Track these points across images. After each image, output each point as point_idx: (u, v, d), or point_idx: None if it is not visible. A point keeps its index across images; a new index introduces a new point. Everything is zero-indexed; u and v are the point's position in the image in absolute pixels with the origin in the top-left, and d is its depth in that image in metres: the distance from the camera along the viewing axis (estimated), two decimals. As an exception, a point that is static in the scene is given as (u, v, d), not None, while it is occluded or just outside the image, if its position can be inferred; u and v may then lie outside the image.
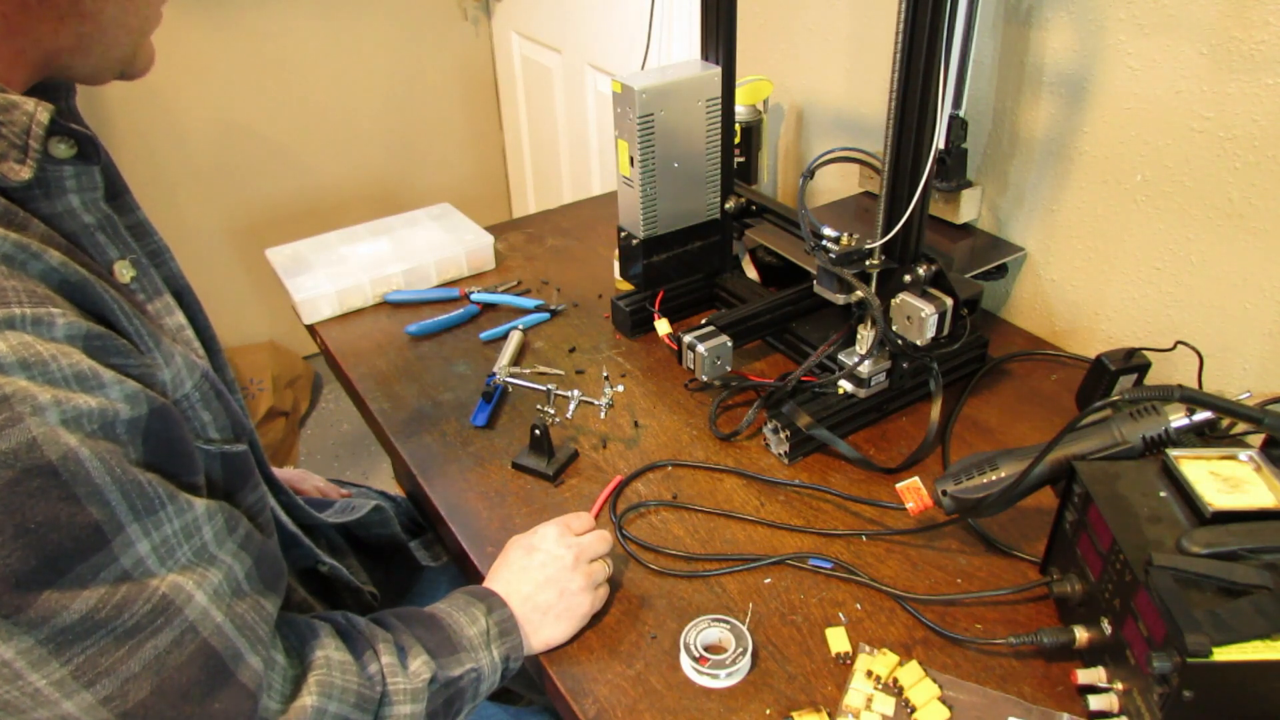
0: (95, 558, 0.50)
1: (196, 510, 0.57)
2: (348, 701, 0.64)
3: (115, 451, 0.51)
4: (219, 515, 0.59)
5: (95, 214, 0.59)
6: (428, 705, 0.68)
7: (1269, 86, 0.89)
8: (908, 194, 0.88)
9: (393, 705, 0.67)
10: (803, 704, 0.73)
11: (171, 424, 0.56)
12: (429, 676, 0.69)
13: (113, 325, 0.55)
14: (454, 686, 0.71)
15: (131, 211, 0.66)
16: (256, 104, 2.28)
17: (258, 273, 2.44)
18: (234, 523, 0.61)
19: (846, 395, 1.01)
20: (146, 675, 0.53)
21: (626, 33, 1.89)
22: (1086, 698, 0.69)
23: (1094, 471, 0.73)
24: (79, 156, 0.56)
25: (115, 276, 0.60)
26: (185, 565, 0.56)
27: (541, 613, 0.78)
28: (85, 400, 0.50)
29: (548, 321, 1.26)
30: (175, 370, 0.59)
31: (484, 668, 0.73)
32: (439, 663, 0.71)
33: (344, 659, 0.66)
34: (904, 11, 0.80)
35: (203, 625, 0.55)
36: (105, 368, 0.52)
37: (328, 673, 0.64)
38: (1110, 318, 1.13)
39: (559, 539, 0.81)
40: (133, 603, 0.52)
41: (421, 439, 1.05)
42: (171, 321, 0.65)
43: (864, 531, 0.89)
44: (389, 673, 0.67)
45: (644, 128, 1.05)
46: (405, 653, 0.70)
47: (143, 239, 0.66)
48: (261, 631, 0.60)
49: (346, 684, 0.64)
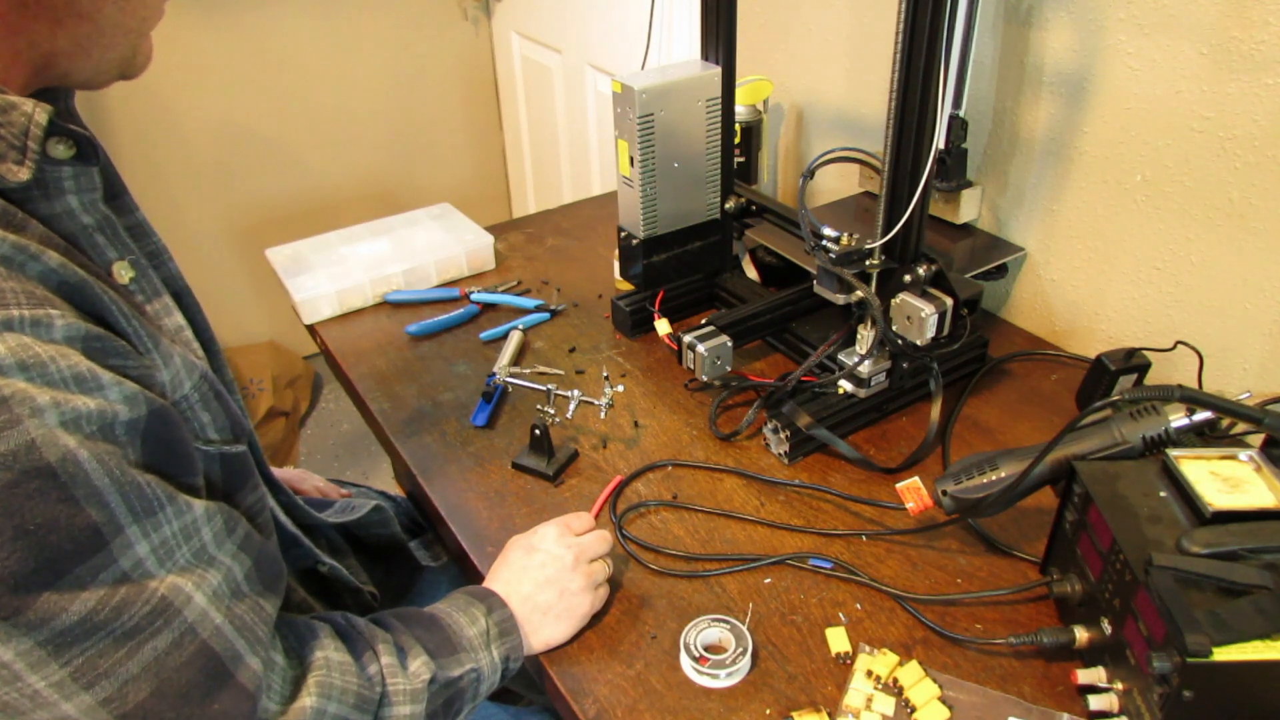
0: (94, 559, 0.50)
1: (195, 512, 0.57)
2: (347, 702, 0.64)
3: (114, 453, 0.51)
4: (218, 516, 0.59)
5: (94, 215, 0.59)
6: (427, 706, 0.68)
7: (1269, 86, 0.89)
8: (908, 194, 0.88)
9: (392, 706, 0.67)
10: (803, 704, 0.73)
11: (171, 425, 0.56)
12: (429, 677, 0.69)
13: (111, 326, 0.55)
14: (454, 687, 0.71)
15: (130, 212, 0.66)
16: (256, 104, 2.28)
17: (258, 273, 2.44)
18: (233, 524, 0.61)
19: (846, 395, 1.01)
20: (146, 677, 0.53)
21: (626, 33, 1.89)
22: (1086, 698, 0.69)
23: (1094, 471, 0.73)
24: (78, 157, 0.56)
25: (114, 277, 0.60)
26: (184, 567, 0.56)
27: (541, 613, 0.78)
28: (84, 402, 0.50)
29: (548, 321, 1.26)
30: (174, 371, 0.59)
31: (484, 668, 0.73)
32: (439, 663, 0.71)
33: (343, 660, 0.66)
34: (904, 11, 0.80)
35: (202, 626, 0.55)
36: (104, 369, 0.52)
37: (327, 674, 0.64)
38: (1110, 318, 1.13)
39: (559, 539, 0.81)
40: (132, 604, 0.52)
41: (421, 439, 1.05)
42: (170, 322, 0.65)
43: (864, 531, 0.89)
44: (389, 673, 0.67)
45: (644, 128, 1.05)
46: (405, 653, 0.70)
47: (142, 240, 0.66)
48: (261, 632, 0.60)
49: (346, 685, 0.64)
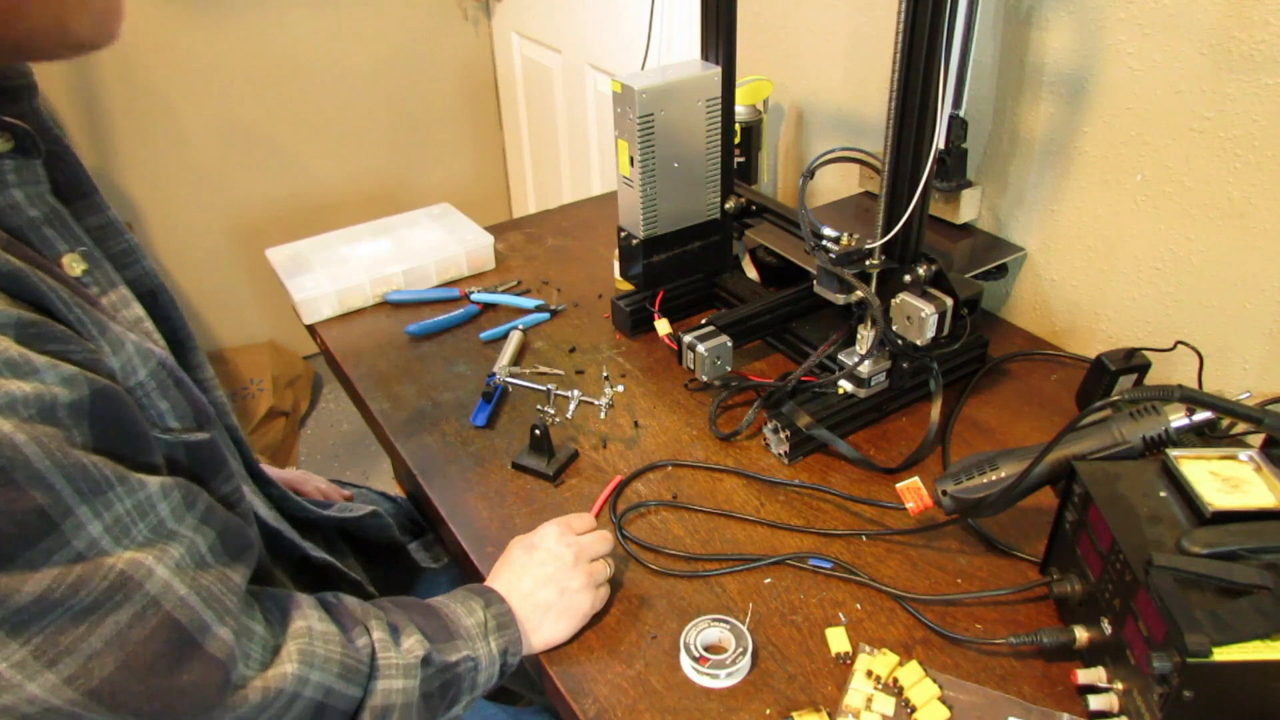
0: (45, 542, 0.51)
1: (150, 488, 0.57)
2: (330, 671, 0.64)
3: (56, 436, 0.51)
4: (175, 492, 0.59)
5: (41, 208, 0.60)
6: (421, 684, 0.68)
7: (1269, 86, 0.89)
8: (908, 194, 0.88)
9: (383, 679, 0.67)
10: (803, 704, 0.73)
11: (119, 405, 0.56)
12: (422, 655, 0.69)
13: (51, 313, 0.55)
14: (450, 672, 0.71)
15: (100, 211, 0.67)
16: (256, 104, 2.28)
17: (258, 273, 2.44)
18: (192, 498, 0.61)
19: (846, 395, 1.01)
20: (109, 651, 0.53)
21: (626, 33, 1.89)
22: (1086, 698, 0.69)
23: (1094, 471, 0.73)
24: (17, 150, 0.57)
25: (64, 269, 0.61)
26: (143, 542, 0.56)
27: (542, 611, 0.78)
28: (18, 386, 0.50)
29: (548, 321, 1.26)
30: (126, 358, 0.59)
31: (481, 657, 0.73)
32: (435, 646, 0.71)
33: (327, 629, 0.66)
34: (904, 11, 0.80)
35: (165, 598, 0.56)
36: (39, 354, 0.52)
37: (309, 642, 0.64)
38: (1110, 318, 1.13)
39: (560, 538, 0.81)
40: (88, 581, 0.52)
41: (421, 439, 1.05)
42: (129, 314, 0.66)
43: (864, 531, 0.89)
44: (380, 647, 0.68)
45: (644, 128, 1.05)
46: (399, 631, 0.70)
47: (112, 238, 0.67)
48: (229, 602, 0.60)
49: (329, 653, 0.64)
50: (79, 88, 2.06)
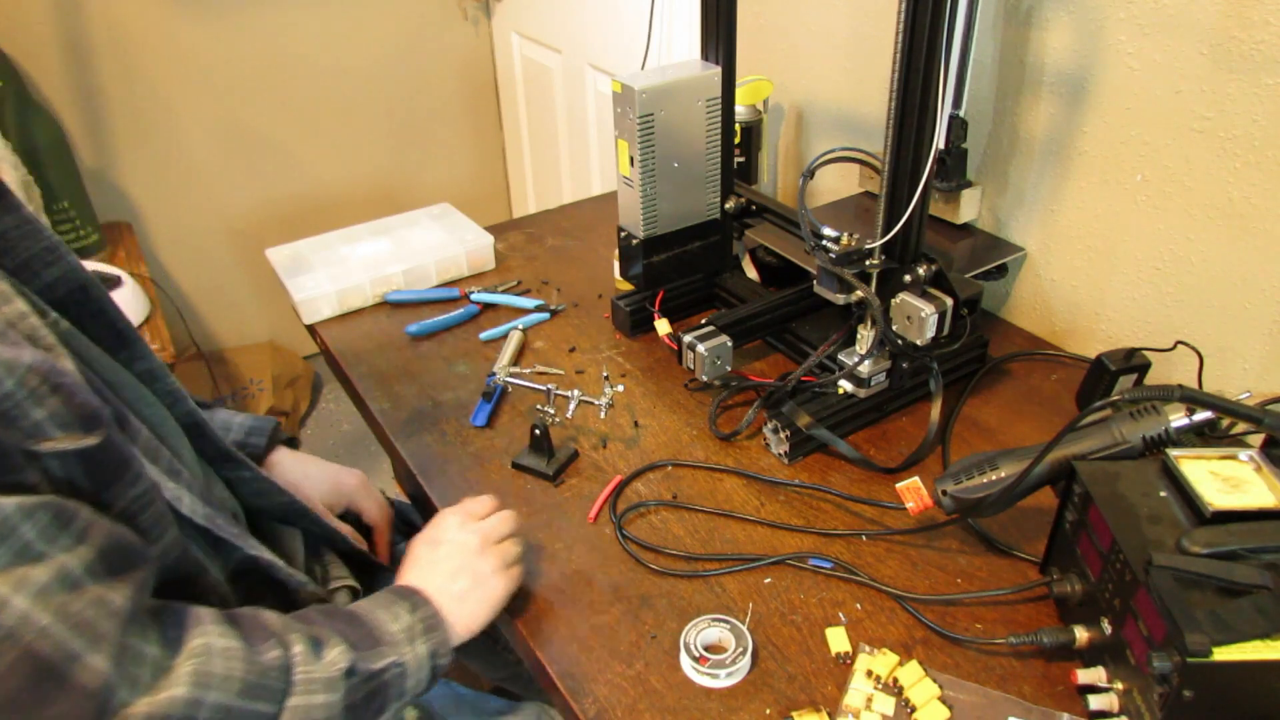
0: None
1: (6, 510, 0.52)
2: (230, 690, 0.60)
3: None
4: (41, 512, 0.54)
5: None
6: (345, 696, 0.66)
7: (1269, 86, 0.89)
8: (908, 194, 0.88)
9: (299, 694, 0.64)
10: (803, 704, 0.73)
11: None
12: (345, 666, 0.67)
13: None
14: (376, 680, 0.69)
15: (13, 211, 0.66)
16: (256, 104, 2.28)
17: (258, 273, 2.44)
18: (66, 516, 0.56)
19: (846, 395, 1.01)
20: None
21: (626, 33, 1.89)
22: (1086, 698, 0.69)
23: (1094, 471, 0.73)
24: None
25: None
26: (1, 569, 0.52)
27: (459, 600, 0.77)
28: None
29: (548, 321, 1.26)
30: None
31: (408, 663, 0.72)
32: (359, 655, 0.69)
33: (229, 645, 0.62)
34: (904, 11, 0.80)
35: (23, 630, 0.52)
36: None
37: (205, 660, 0.60)
38: (1110, 318, 1.13)
39: (461, 526, 0.81)
40: None
41: (421, 439, 1.05)
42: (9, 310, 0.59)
43: (864, 531, 0.89)
44: (298, 661, 0.65)
45: (644, 128, 1.05)
46: (321, 644, 0.68)
47: (28, 239, 0.66)
48: (104, 627, 0.56)
49: (230, 671, 0.61)
50: (79, 88, 2.06)
